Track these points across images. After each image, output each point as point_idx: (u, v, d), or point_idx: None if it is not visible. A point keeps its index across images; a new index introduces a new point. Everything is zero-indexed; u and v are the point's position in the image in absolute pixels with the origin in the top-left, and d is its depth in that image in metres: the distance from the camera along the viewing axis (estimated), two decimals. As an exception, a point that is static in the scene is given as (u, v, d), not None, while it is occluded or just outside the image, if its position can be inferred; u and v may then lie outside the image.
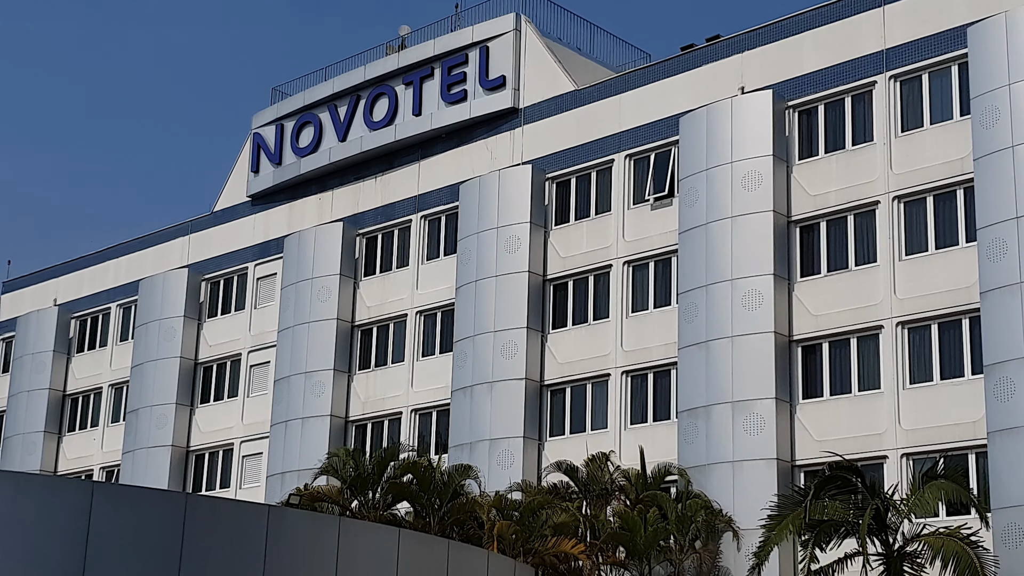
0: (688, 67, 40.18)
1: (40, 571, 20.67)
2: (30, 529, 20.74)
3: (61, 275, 57.35)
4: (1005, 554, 30.44)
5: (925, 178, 34.77)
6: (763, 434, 35.10)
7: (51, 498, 21.55)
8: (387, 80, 46.62)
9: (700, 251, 37.38)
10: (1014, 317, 31.42)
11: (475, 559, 28.26)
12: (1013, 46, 32.87)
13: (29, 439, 54.36)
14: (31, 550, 20.67)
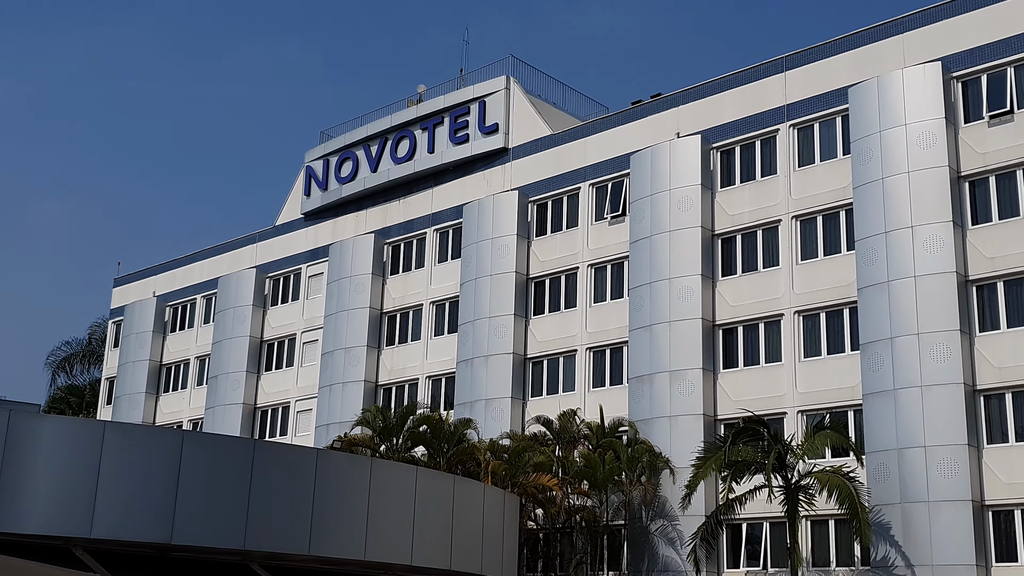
0: (637, 117, 40.31)
1: (146, 496, 20.92)
2: (137, 464, 21.00)
3: (158, 273, 57.42)
4: (875, 486, 30.83)
5: (816, 202, 35.00)
6: (692, 396, 35.33)
7: (152, 442, 21.84)
8: (408, 126, 46.76)
9: (645, 257, 37.59)
10: (883, 308, 31.73)
11: (474, 490, 28.51)
12: (882, 103, 33.16)
13: (134, 398, 54.44)
14: (137, 483, 20.91)
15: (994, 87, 32.10)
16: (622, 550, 35.91)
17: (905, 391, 30.72)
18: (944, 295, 30.84)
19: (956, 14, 33.14)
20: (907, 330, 31.05)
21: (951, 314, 30.62)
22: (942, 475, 29.65)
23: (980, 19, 32.63)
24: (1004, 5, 32.19)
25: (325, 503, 23.67)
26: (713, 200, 37.32)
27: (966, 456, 29.52)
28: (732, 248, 36.80)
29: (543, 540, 36.26)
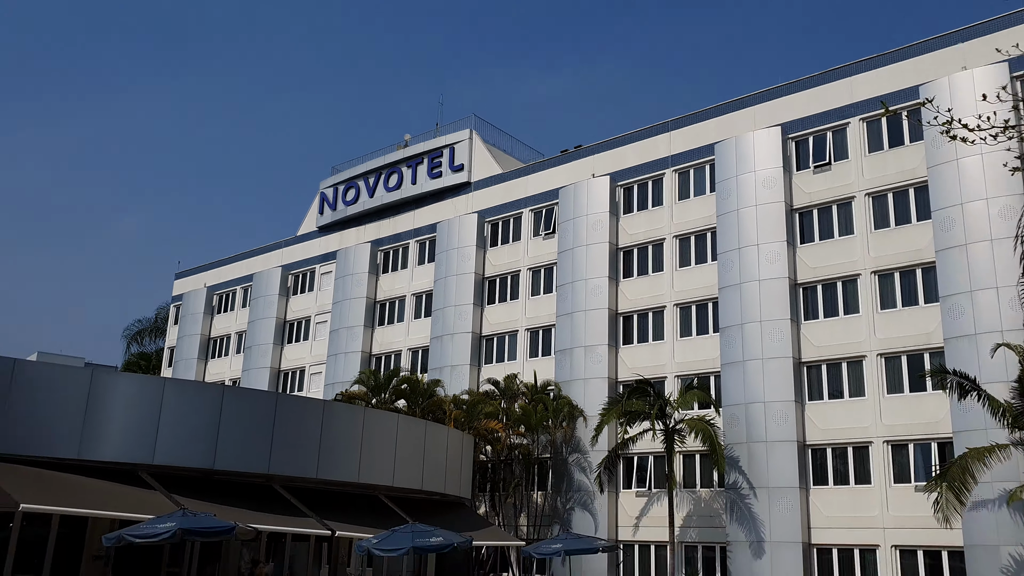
0: (564, 161, 40.47)
1: (195, 433, 21.04)
2: (188, 409, 21.11)
3: (209, 270, 56.92)
4: (728, 430, 31.28)
5: (692, 226, 35.34)
6: (600, 364, 35.62)
7: (200, 393, 21.97)
8: (397, 164, 46.71)
9: (569, 263, 37.92)
10: (735, 303, 32.24)
11: (440, 432, 28.83)
12: (738, 155, 33.63)
13: (189, 363, 53.89)
14: (189, 424, 21.03)
15: (817, 145, 32.69)
16: (548, 475, 36.19)
17: (751, 362, 31.25)
18: (779, 294, 31.40)
19: (792, 92, 33.73)
20: (753, 318, 31.60)
21: (784, 307, 31.19)
22: (776, 423, 30.23)
23: (808, 97, 33.24)
24: (825, 87, 32.84)
25: (329, 440, 23.92)
26: (617, 223, 37.67)
27: (793, 409, 30.12)
28: (631, 257, 37.07)
29: (491, 468, 36.55)
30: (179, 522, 16.16)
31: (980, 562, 25.38)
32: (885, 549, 27.72)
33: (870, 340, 29.69)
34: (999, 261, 26.77)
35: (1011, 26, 28.47)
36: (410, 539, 19.62)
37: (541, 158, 43.01)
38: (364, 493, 26.55)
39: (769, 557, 29.13)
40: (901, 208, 30.37)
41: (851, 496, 28.84)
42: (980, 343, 26.59)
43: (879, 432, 28.75)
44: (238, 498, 21.59)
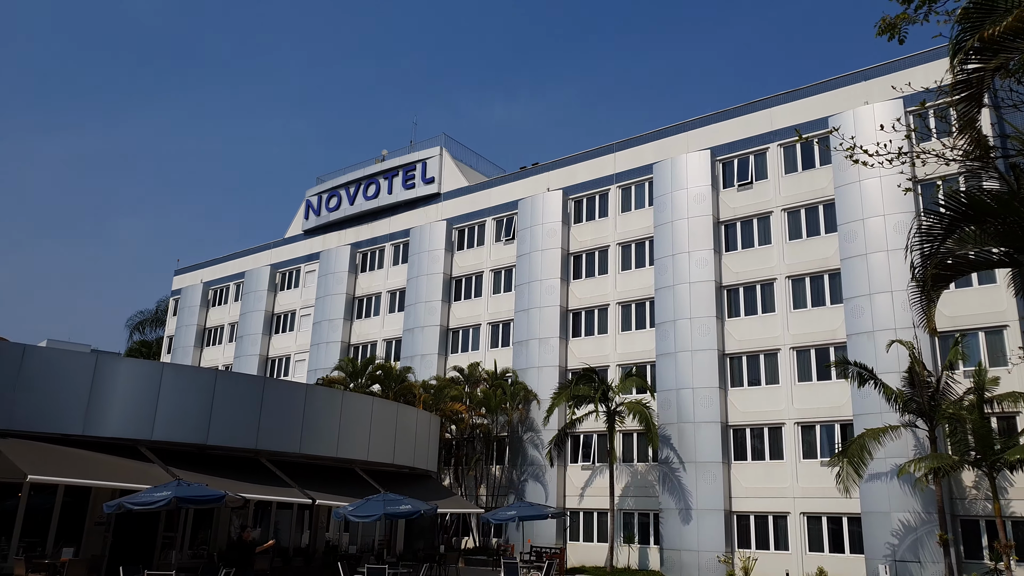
0: (523, 177, 40.47)
1: (190, 412, 20.65)
2: (184, 391, 20.71)
3: (205, 267, 55.89)
4: (662, 412, 31.47)
5: (632, 235, 35.55)
6: (553, 354, 35.66)
7: (195, 377, 21.55)
8: (375, 176, 46.33)
9: (526, 266, 37.91)
10: (669, 302, 32.50)
11: (410, 413, 28.63)
12: (673, 174, 33.93)
13: (186, 350, 52.84)
14: (184, 404, 20.63)
15: (741, 167, 33.09)
16: (505, 451, 36.20)
17: (682, 353, 31.55)
18: (707, 295, 31.74)
19: (720, 120, 34.07)
20: (684, 315, 31.88)
21: (711, 306, 31.54)
22: (703, 406, 30.55)
23: (735, 124, 33.61)
24: (749, 116, 33.24)
25: (311, 419, 23.63)
26: (569, 231, 37.76)
27: (717, 394, 30.45)
28: (581, 261, 37.16)
29: (455, 445, 36.41)
30: (174, 491, 15.85)
31: (874, 526, 25.89)
32: (795, 516, 28.15)
33: (784, 335, 30.12)
34: (894, 269, 27.34)
35: (906, 68, 29.09)
36: (382, 507, 19.48)
37: (503, 173, 42.93)
38: (342, 466, 26.28)
39: (696, 523, 29.41)
40: (812, 222, 30.86)
41: (766, 470, 29.23)
42: (877, 339, 27.12)
43: (791, 415, 29.18)
44: (228, 470, 21.24)
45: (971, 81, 8.20)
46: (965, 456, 22.63)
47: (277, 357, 48.54)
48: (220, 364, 51.14)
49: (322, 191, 48.90)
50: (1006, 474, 24.21)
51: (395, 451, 27.12)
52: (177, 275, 58.30)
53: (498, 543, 34.38)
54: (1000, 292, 25.90)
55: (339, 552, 26.65)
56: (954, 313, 26.54)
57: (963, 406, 23.23)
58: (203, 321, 54.13)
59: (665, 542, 29.98)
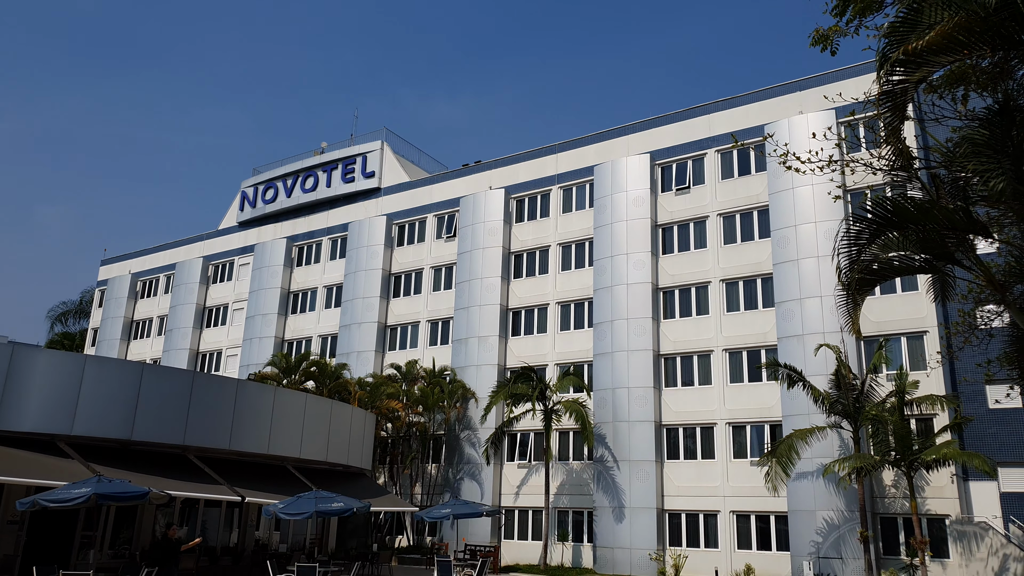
0: (464, 174, 40.38)
1: (113, 406, 20.02)
2: (108, 384, 20.06)
3: (134, 258, 54.07)
4: (598, 411, 31.80)
5: (573, 236, 35.78)
6: (492, 353, 35.62)
7: (119, 370, 20.86)
8: (314, 168, 45.58)
9: (467, 264, 37.82)
10: (607, 302, 32.85)
11: (345, 410, 28.26)
12: (613, 177, 34.31)
13: (112, 343, 51.14)
14: (108, 398, 19.98)
15: (679, 172, 33.67)
16: (442, 450, 36.06)
17: (619, 353, 31.92)
18: (644, 296, 32.18)
19: (660, 125, 34.61)
20: (621, 316, 32.27)
21: (647, 308, 31.98)
22: (638, 405, 30.97)
23: (674, 130, 34.17)
24: (688, 122, 33.84)
25: (242, 414, 23.13)
26: (510, 230, 37.82)
27: (652, 394, 30.91)
28: (521, 260, 37.28)
29: (391, 443, 36.11)
30: (94, 487, 15.28)
31: (800, 524, 26.66)
32: (725, 514, 28.78)
33: (717, 337, 30.76)
34: (823, 275, 28.20)
35: (838, 80, 30.03)
36: (313, 504, 19.18)
37: (445, 170, 42.74)
38: (273, 464, 25.78)
39: (628, 521, 29.80)
40: (746, 227, 31.58)
41: (698, 469, 29.80)
42: (806, 342, 27.93)
43: (722, 415, 29.82)
44: (154, 466, 20.62)
45: (896, 92, 8.52)
46: (886, 456, 23.48)
47: (208, 352, 47.32)
48: (148, 358, 49.64)
49: (258, 182, 47.89)
50: (923, 473, 25.23)
51: (328, 448, 26.73)
52: (104, 265, 56.32)
53: (432, 541, 34.23)
54: (921, 299, 26.97)
55: (268, 551, 26.15)
56: (879, 319, 27.52)
57: (885, 408, 24.11)
58: (131, 313, 52.42)
59: (598, 540, 30.29)
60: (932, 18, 7.87)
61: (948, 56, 7.81)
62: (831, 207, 28.61)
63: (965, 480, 25.31)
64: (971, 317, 17.31)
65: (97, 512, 21.29)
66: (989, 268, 10.82)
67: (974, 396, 25.55)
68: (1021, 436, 24.83)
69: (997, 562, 23.48)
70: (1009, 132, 8.79)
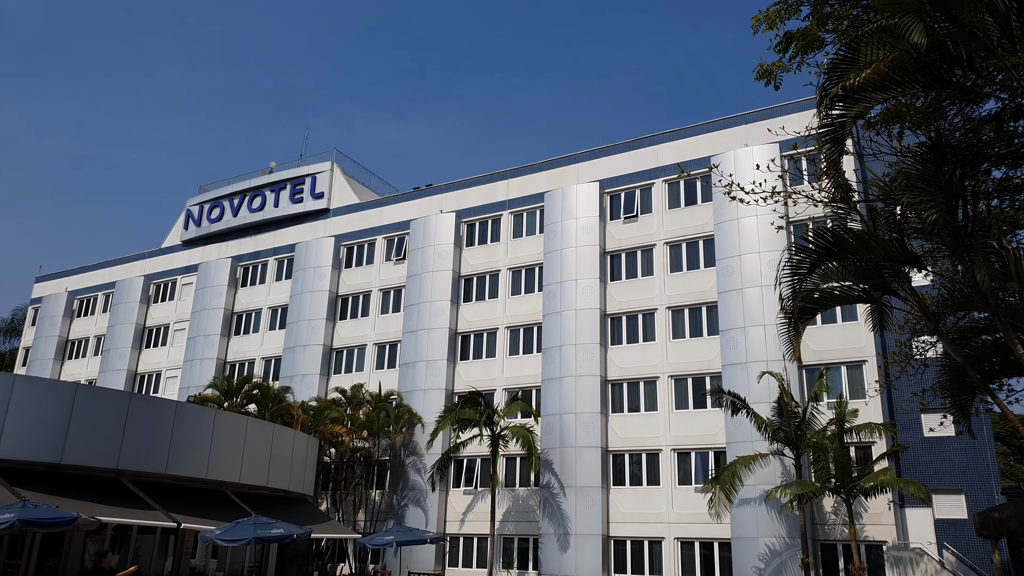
0: (416, 197, 40.34)
1: (43, 427, 19.30)
2: (38, 404, 19.36)
3: (71, 275, 52.48)
4: (545, 436, 31.79)
5: (523, 261, 35.88)
6: (440, 377, 35.41)
7: (51, 390, 20.13)
8: (261, 188, 44.99)
9: (416, 287, 37.64)
10: (556, 328, 33.00)
11: (287, 434, 27.68)
12: (563, 204, 34.65)
13: (45, 363, 49.13)
14: (37, 419, 19.28)
15: (628, 200, 34.22)
16: (386, 475, 35.58)
17: (566, 378, 32.04)
18: (592, 322, 32.44)
19: (609, 154, 35.20)
20: (569, 342, 32.46)
21: (595, 333, 32.23)
22: (584, 431, 31.07)
23: (623, 159, 34.78)
24: (637, 152, 34.46)
25: (180, 437, 22.50)
26: (460, 254, 37.83)
27: (599, 420, 31.06)
28: (471, 285, 37.29)
29: (334, 468, 35.50)
30: (18, 513, 14.62)
31: (743, 551, 26.95)
32: (669, 540, 28.94)
33: (663, 364, 31.13)
34: (767, 303, 28.84)
35: (783, 114, 30.98)
36: (252, 530, 18.68)
37: (395, 193, 42.65)
38: (211, 488, 25.03)
39: (574, 548, 29.74)
40: (692, 256, 32.18)
41: (643, 495, 29.96)
42: (750, 370, 28.45)
43: (668, 441, 30.10)
44: (84, 491, 19.83)
45: (835, 126, 8.84)
46: (826, 483, 23.97)
47: (147, 373, 45.99)
48: (83, 379, 48.01)
49: (204, 201, 47.05)
50: (861, 500, 25.80)
51: (270, 473, 26.11)
52: (38, 282, 54.48)
53: (375, 569, 33.61)
54: (860, 329, 27.77)
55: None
56: (820, 347, 28.22)
57: (826, 436, 24.65)
58: (66, 332, 50.69)
59: (544, 567, 30.12)
60: (868, 56, 8.22)
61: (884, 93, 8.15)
62: (775, 237, 29.35)
63: (902, 507, 25.96)
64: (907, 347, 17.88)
65: (21, 539, 20.37)
66: (924, 299, 11.22)
67: (910, 424, 26.32)
68: (954, 464, 25.62)
69: (931, 587, 24.06)
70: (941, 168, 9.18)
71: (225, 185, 46.61)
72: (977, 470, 25.27)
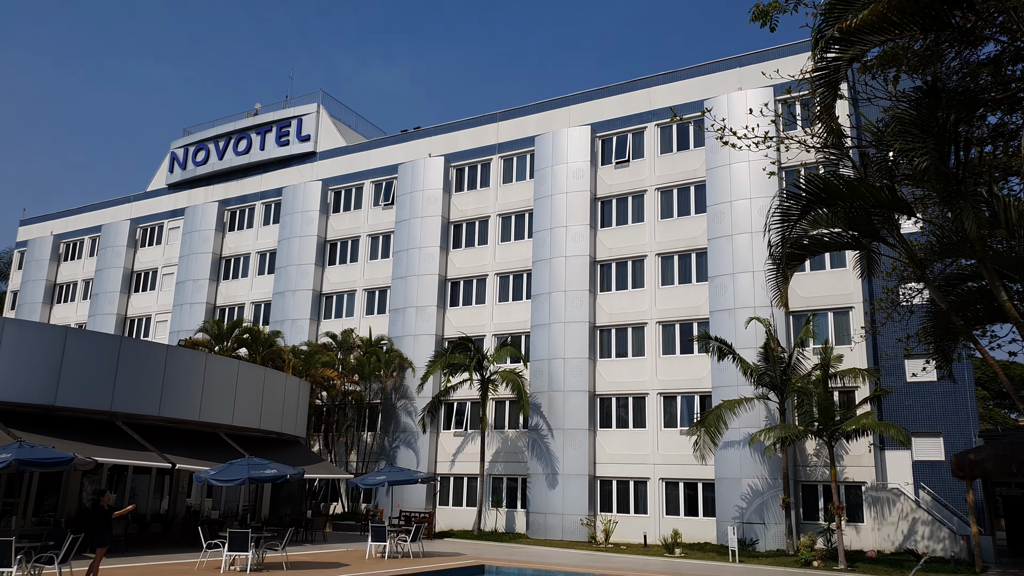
0: (403, 140, 39.86)
1: (36, 370, 19.36)
2: (29, 348, 19.38)
3: (57, 218, 51.93)
4: (534, 380, 32.04)
5: (513, 207, 35.72)
6: (429, 323, 35.58)
7: (41, 334, 20.12)
8: (247, 130, 44.30)
9: (404, 232, 37.46)
10: (545, 275, 33.04)
11: (278, 377, 27.90)
12: (554, 148, 34.36)
13: (33, 307, 49.04)
14: (29, 362, 19.31)
15: (619, 145, 33.96)
16: (378, 418, 35.98)
17: (556, 324, 32.23)
18: (581, 269, 32.47)
19: (601, 97, 34.76)
20: (559, 288, 32.55)
21: (584, 280, 32.30)
22: (573, 376, 31.40)
23: (615, 102, 34.36)
24: (629, 95, 34.07)
25: (172, 381, 22.65)
26: (449, 199, 37.60)
27: (587, 365, 31.36)
28: (461, 231, 37.16)
29: (326, 411, 35.85)
30: (15, 453, 14.76)
31: (726, 491, 27.59)
32: (654, 481, 29.57)
33: (651, 310, 31.34)
34: (756, 250, 28.94)
35: (778, 57, 30.58)
36: (246, 471, 18.94)
37: (383, 136, 42.12)
38: (205, 431, 25.32)
39: (561, 487, 30.36)
40: (683, 202, 32.12)
41: (629, 437, 30.49)
42: (738, 316, 28.71)
43: (654, 385, 30.50)
44: (79, 433, 20.01)
45: (830, 69, 8.75)
46: (809, 427, 24.43)
47: (137, 317, 45.93)
48: (73, 322, 47.92)
49: (189, 143, 46.37)
50: (843, 443, 26.37)
51: (262, 416, 26.39)
52: (23, 225, 53.91)
53: (367, 508, 34.25)
54: (848, 275, 27.98)
55: (200, 517, 25.77)
56: (808, 294, 28.46)
57: (810, 380, 25.02)
58: (53, 276, 50.41)
59: (531, 506, 30.79)
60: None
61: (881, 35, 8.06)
62: (766, 184, 29.30)
63: (882, 449, 26.56)
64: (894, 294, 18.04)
65: (19, 479, 20.61)
66: (912, 246, 11.29)
67: (894, 370, 26.75)
68: (934, 408, 26.14)
69: (907, 525, 24.80)
70: (935, 113, 9.14)
71: (210, 127, 45.90)
72: (956, 414, 25.81)
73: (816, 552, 22.89)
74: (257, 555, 18.37)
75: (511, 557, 22.51)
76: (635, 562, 22.59)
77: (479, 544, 27.18)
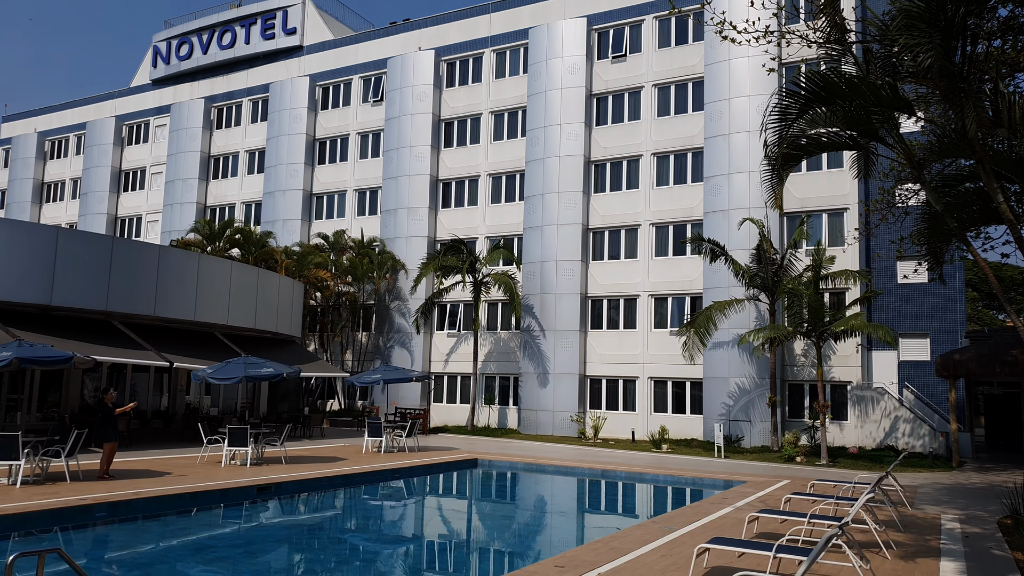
0: (393, 33, 38.72)
1: (29, 270, 19.40)
2: (21, 247, 19.37)
3: (40, 115, 50.83)
4: (527, 283, 32.39)
5: (506, 104, 35.09)
6: (421, 224, 35.55)
7: (32, 233, 20.07)
8: (231, 23, 42.88)
9: (395, 130, 36.93)
10: (538, 175, 32.83)
11: (271, 278, 28.03)
12: (548, 41, 33.47)
13: (21, 206, 48.84)
14: (22, 262, 19.32)
15: (616, 38, 33.07)
16: (372, 319, 36.46)
17: (548, 227, 32.27)
18: (575, 169, 32.23)
19: (599, -11, 33.68)
20: (552, 189, 32.39)
21: (578, 181, 32.14)
22: (565, 278, 31.71)
23: (613, -6, 33.33)
24: (628, -13, 33.01)
25: (166, 280, 22.76)
26: (440, 96, 36.87)
27: (579, 267, 31.62)
28: (452, 129, 36.62)
29: (320, 312, 36.25)
30: (15, 351, 14.98)
31: (713, 390, 28.38)
32: (643, 380, 30.33)
33: (645, 211, 31.32)
34: (753, 150, 28.71)
35: (782, -52, 29.44)
36: (243, 369, 19.31)
37: (371, 28, 40.80)
38: (200, 330, 25.65)
39: (552, 386, 31.14)
40: (681, 99, 31.59)
41: (619, 338, 31.06)
42: (732, 217, 28.75)
43: (646, 287, 30.84)
44: (77, 332, 20.27)
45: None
46: (799, 327, 24.92)
47: (127, 217, 45.67)
48: (63, 222, 47.69)
49: (171, 36, 44.88)
50: (831, 343, 26.97)
51: (256, 316, 26.68)
52: (6, 122, 52.79)
53: (363, 405, 35.16)
54: (845, 176, 27.89)
55: (200, 414, 26.45)
56: (803, 195, 28.43)
57: (802, 282, 25.35)
58: (40, 175, 49.77)
59: (523, 403, 31.66)
60: None
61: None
62: (765, 81, 28.78)
63: (869, 350, 27.20)
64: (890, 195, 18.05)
65: (22, 376, 21.01)
66: (911, 146, 11.23)
67: (885, 271, 27.08)
68: (923, 309, 26.63)
69: (889, 423, 25.69)
70: (944, 5, 8.92)
71: (192, 19, 44.37)
72: (945, 315, 26.33)
73: (799, 448, 23.77)
74: (256, 450, 18.98)
75: (504, 451, 23.34)
76: (623, 456, 23.47)
77: (473, 439, 28.10)
